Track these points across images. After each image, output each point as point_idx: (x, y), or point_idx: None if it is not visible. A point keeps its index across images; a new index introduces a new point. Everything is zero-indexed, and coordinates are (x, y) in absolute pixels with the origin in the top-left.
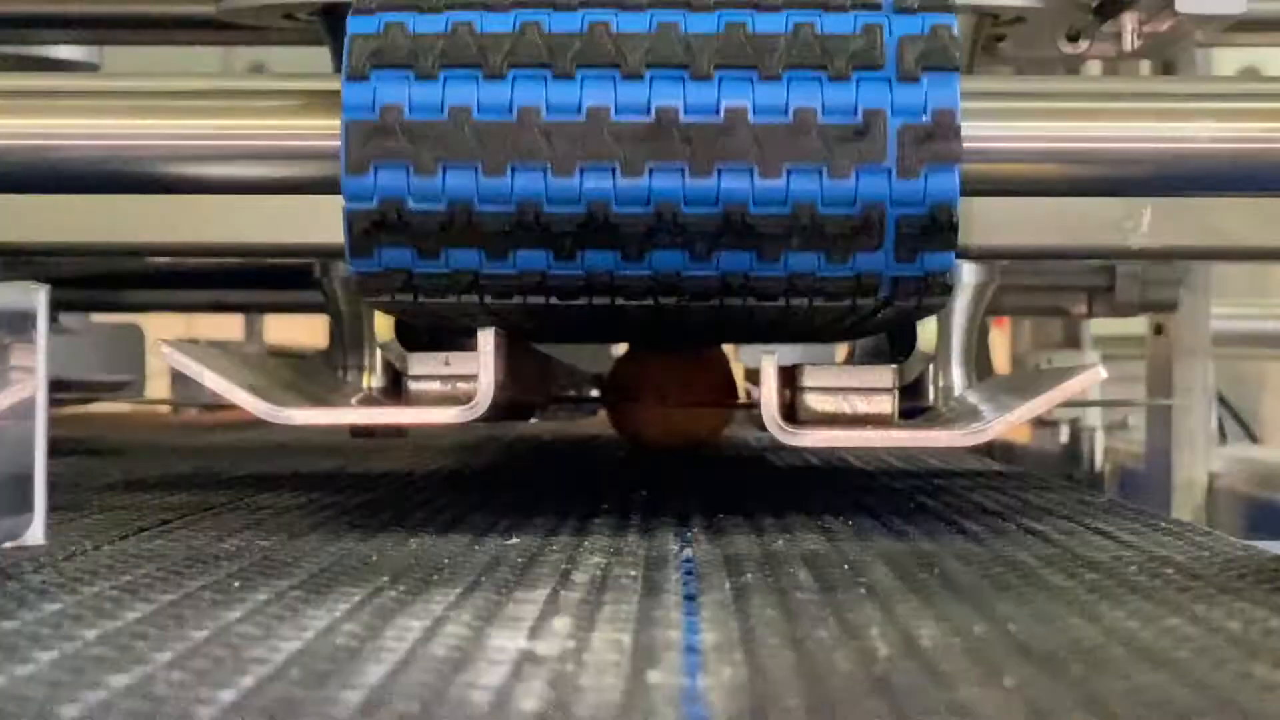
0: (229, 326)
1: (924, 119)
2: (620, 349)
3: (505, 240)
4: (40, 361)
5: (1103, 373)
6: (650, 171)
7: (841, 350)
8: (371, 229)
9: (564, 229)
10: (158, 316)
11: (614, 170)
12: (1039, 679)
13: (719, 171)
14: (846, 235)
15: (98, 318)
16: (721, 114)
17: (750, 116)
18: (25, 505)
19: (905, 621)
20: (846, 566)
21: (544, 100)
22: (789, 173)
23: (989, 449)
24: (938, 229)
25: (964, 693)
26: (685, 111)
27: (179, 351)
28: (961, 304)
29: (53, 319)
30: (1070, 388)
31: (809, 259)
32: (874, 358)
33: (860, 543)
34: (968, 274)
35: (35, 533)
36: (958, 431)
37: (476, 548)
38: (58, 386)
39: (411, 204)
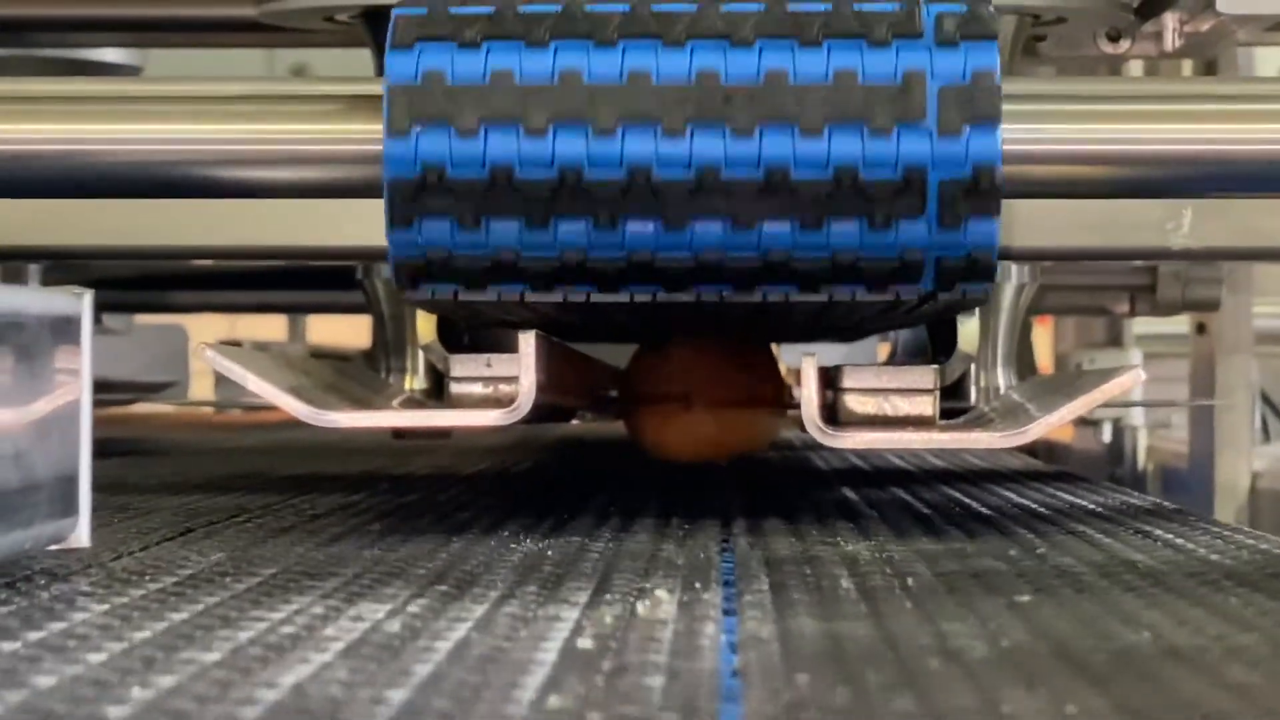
0: (272, 327)
1: (963, 80)
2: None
3: (546, 208)
4: (85, 365)
5: (1143, 375)
6: (692, 133)
7: (883, 352)
8: (413, 195)
9: (605, 194)
10: (201, 317)
11: (655, 132)
12: (1076, 683)
13: (761, 132)
14: (888, 199)
15: (142, 319)
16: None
17: (791, 79)
18: (70, 508)
19: (940, 623)
20: (888, 568)
21: (586, 65)
22: (830, 133)
23: (1032, 448)
24: (980, 191)
25: (999, 694)
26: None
27: (221, 354)
28: (1004, 304)
29: (97, 320)
30: (1110, 389)
31: (850, 229)
32: (915, 358)
33: (901, 544)
34: (1011, 274)
35: (80, 535)
36: (998, 433)
37: (516, 549)
38: (101, 387)
39: (452, 170)
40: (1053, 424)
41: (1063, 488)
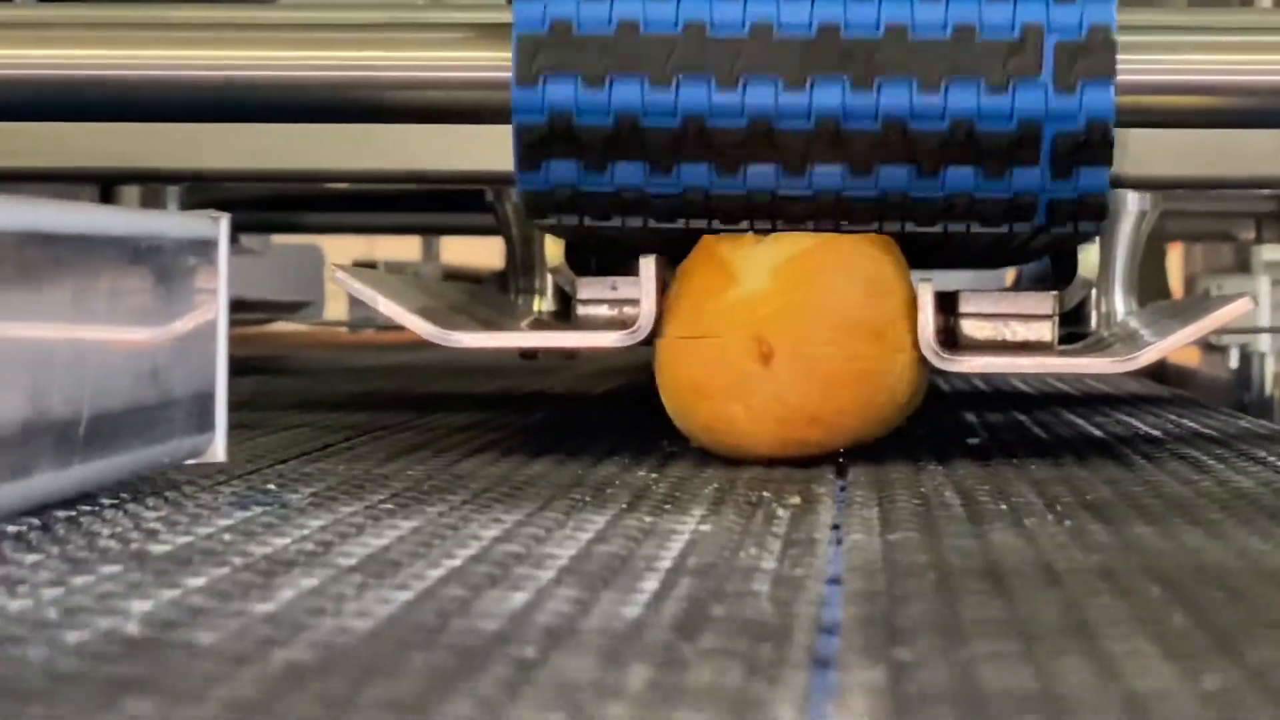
0: (408, 247)
1: (1080, 35)
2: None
3: (670, 154)
4: (221, 286)
5: (1252, 303)
6: (812, 84)
7: (1009, 277)
8: (539, 143)
9: (727, 143)
10: (338, 238)
11: (777, 83)
12: (1162, 599)
13: (879, 85)
14: (1003, 150)
15: (279, 239)
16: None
17: (910, 32)
18: (206, 424)
19: (1042, 542)
20: (995, 489)
21: (709, 15)
22: (947, 87)
23: (1162, 374)
24: (1092, 145)
25: (1088, 609)
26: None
27: (351, 276)
28: (1125, 230)
29: (234, 240)
30: (1222, 316)
31: (965, 175)
32: (1039, 284)
33: (1013, 467)
34: (1131, 201)
35: (216, 450)
36: (1109, 359)
37: (635, 470)
38: (238, 307)
39: (578, 118)
40: (1164, 349)
41: (1179, 412)
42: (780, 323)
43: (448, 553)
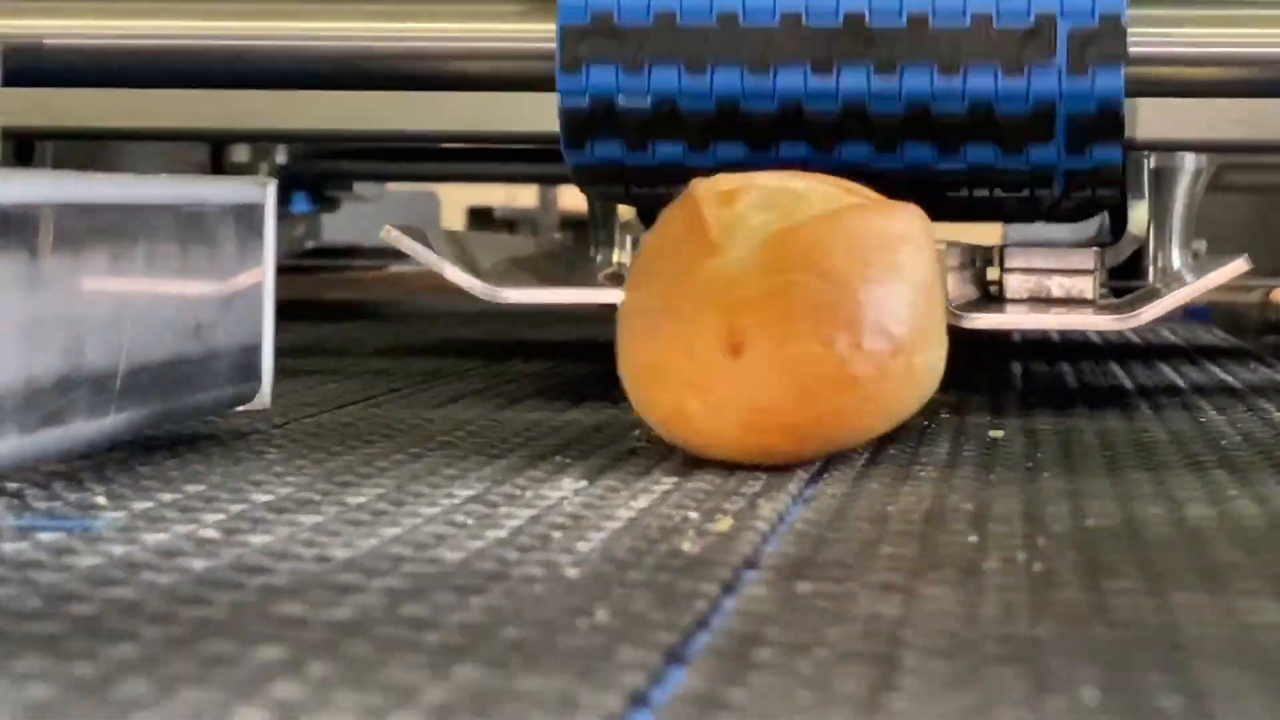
0: (529, 195)
1: (1092, 22)
2: None
3: (706, 134)
4: (269, 246)
5: (1245, 264)
6: (839, 70)
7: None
8: (584, 124)
9: (759, 124)
10: (457, 186)
11: (805, 69)
12: (1098, 548)
13: (902, 70)
14: (1020, 130)
15: (394, 187)
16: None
17: (931, 20)
18: (253, 375)
19: (983, 609)
20: (976, 509)
21: (741, 6)
22: (966, 71)
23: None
24: (1105, 125)
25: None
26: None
27: (404, 234)
28: (1181, 187)
29: (348, 188)
30: (1218, 277)
31: (985, 152)
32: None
33: (1020, 418)
34: (1189, 160)
35: (263, 398)
36: (1113, 316)
37: (560, 476)
38: (353, 253)
39: (620, 101)
40: (1167, 306)
41: (1225, 365)
42: (759, 309)
43: (425, 504)
